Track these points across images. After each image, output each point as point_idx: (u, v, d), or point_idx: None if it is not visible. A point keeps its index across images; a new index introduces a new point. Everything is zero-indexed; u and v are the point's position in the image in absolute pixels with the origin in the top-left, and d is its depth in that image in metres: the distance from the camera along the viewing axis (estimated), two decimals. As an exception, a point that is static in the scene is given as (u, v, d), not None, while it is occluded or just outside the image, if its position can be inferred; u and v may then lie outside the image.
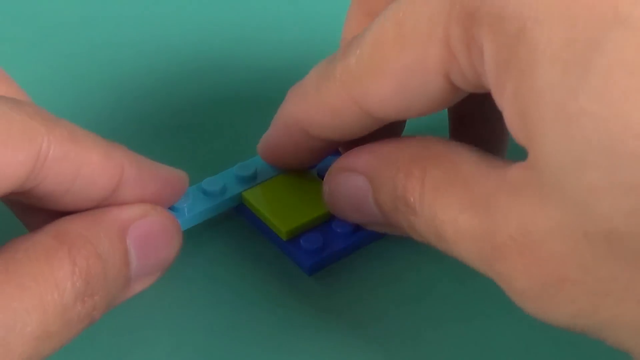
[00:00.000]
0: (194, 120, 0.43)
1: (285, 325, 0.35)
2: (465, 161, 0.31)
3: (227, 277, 0.37)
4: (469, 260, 0.30)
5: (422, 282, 0.36)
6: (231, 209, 0.39)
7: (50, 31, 0.49)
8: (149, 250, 0.32)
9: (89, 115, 0.44)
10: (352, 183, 0.35)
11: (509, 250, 0.28)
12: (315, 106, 0.34)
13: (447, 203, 0.30)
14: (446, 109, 0.37)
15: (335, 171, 0.35)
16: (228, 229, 0.38)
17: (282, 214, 0.37)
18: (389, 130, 0.36)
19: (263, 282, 0.36)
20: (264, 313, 0.35)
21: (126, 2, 0.50)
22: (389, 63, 0.31)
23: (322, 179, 0.39)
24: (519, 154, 0.36)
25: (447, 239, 0.31)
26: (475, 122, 0.38)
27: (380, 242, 0.38)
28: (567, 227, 0.27)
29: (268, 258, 0.37)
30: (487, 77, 0.29)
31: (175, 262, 0.37)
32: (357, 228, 0.37)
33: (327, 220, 0.38)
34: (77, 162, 0.31)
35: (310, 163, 0.38)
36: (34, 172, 0.29)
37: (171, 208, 0.37)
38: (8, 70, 0.46)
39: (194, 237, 0.38)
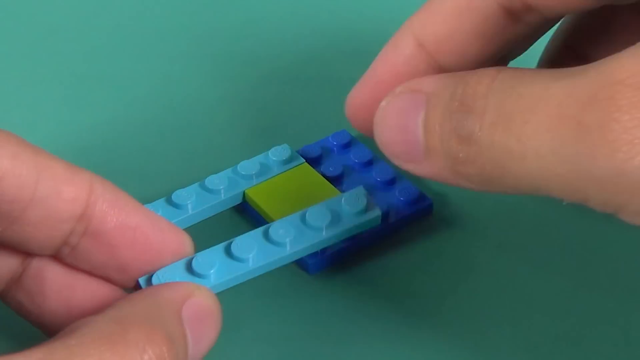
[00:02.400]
0: (196, 118, 0.43)
1: (286, 324, 0.35)
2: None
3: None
4: (549, 164, 0.28)
5: (422, 282, 0.36)
6: (234, 207, 0.39)
7: (50, 31, 0.49)
8: (200, 333, 0.30)
9: (89, 115, 0.44)
10: (408, 99, 0.32)
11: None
12: None
13: (524, 92, 0.28)
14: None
15: (397, 91, 0.32)
16: (230, 227, 0.38)
17: (284, 212, 0.37)
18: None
19: (263, 281, 0.36)
20: (264, 312, 0.35)
21: (126, 2, 0.50)
22: None
23: (326, 179, 0.39)
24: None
25: (521, 137, 0.28)
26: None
27: (381, 243, 0.38)
28: None
29: (269, 257, 0.37)
30: None
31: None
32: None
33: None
34: (34, 164, 0.29)
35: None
36: None
37: (174, 206, 0.37)
38: (8, 69, 0.47)
39: (197, 234, 0.38)
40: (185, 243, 0.33)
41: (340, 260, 0.37)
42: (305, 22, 0.49)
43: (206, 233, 0.38)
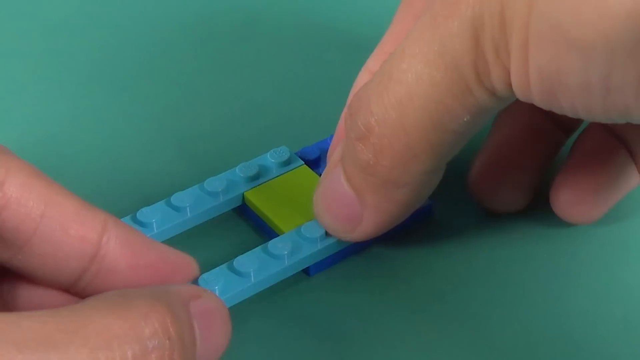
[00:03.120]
0: (195, 120, 0.43)
1: (285, 325, 0.35)
2: None
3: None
4: (428, 72, 0.31)
5: (421, 282, 0.36)
6: (233, 209, 0.39)
7: (51, 31, 0.49)
8: (209, 331, 0.29)
9: (89, 116, 0.44)
10: (329, 177, 0.35)
11: None
12: None
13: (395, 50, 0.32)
14: None
15: (324, 173, 0.35)
16: (229, 230, 0.38)
17: (283, 214, 0.37)
18: None
19: (264, 282, 0.36)
20: (263, 313, 0.35)
21: (128, 3, 0.50)
22: None
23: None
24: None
25: (401, 75, 0.31)
26: None
27: (380, 244, 0.38)
28: None
29: (269, 258, 0.37)
30: None
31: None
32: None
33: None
34: (43, 197, 0.29)
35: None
36: None
37: (174, 208, 0.37)
38: (9, 69, 0.47)
39: (196, 236, 0.38)
40: (193, 268, 0.33)
41: (340, 262, 0.37)
42: (304, 23, 0.49)
43: (205, 236, 0.38)
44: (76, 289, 0.31)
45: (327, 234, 0.36)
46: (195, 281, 0.35)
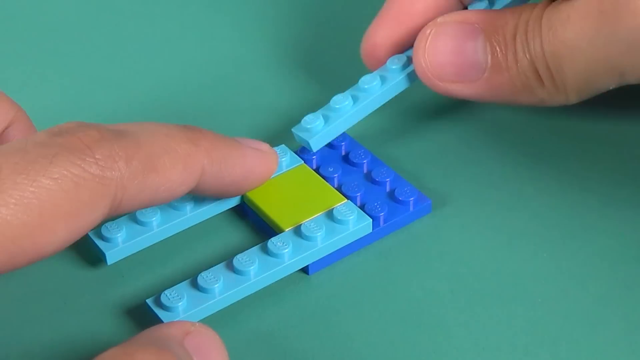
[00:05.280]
0: (195, 119, 0.43)
1: (284, 324, 0.35)
2: None
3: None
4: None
5: (420, 281, 0.36)
6: (232, 207, 0.39)
7: (51, 30, 0.49)
8: None
9: (89, 115, 0.44)
10: (458, 28, 0.37)
11: None
12: None
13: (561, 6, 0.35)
14: None
15: (440, 21, 0.37)
16: (229, 228, 0.38)
17: (283, 212, 0.37)
18: None
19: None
20: (262, 312, 0.35)
21: (128, 3, 0.50)
22: None
23: (324, 179, 0.39)
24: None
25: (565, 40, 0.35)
26: None
27: (379, 242, 0.38)
28: None
29: (268, 257, 0.37)
30: None
31: (176, 260, 0.37)
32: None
33: (328, 220, 0.38)
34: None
35: None
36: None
37: (173, 207, 0.37)
38: (8, 71, 0.47)
39: (195, 235, 0.38)
40: None
41: (339, 261, 0.37)
42: (304, 23, 0.49)
43: (205, 234, 0.38)
44: None
45: (327, 232, 0.36)
46: (194, 279, 0.35)
